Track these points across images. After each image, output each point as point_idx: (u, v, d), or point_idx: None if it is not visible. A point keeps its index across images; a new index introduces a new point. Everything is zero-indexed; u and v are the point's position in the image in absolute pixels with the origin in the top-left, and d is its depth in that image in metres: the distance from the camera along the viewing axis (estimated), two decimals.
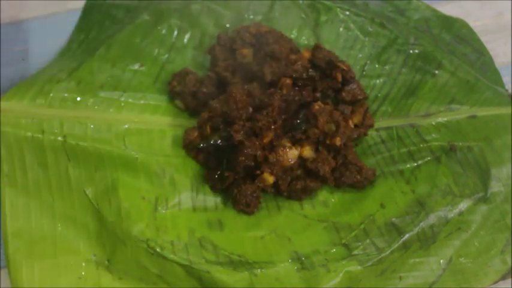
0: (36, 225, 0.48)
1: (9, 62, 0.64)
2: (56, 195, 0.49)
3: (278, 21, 0.63)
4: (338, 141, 0.52)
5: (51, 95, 0.54)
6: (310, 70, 0.55)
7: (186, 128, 0.56)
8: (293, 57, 0.56)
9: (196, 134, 0.54)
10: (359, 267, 0.47)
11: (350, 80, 0.56)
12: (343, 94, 0.56)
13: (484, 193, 0.51)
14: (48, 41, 0.66)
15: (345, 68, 0.56)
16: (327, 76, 0.56)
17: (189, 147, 0.55)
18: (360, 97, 0.56)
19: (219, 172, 0.52)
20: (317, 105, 0.53)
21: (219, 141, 0.52)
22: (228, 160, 0.53)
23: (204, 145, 0.53)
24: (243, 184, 0.52)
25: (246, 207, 0.51)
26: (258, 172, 0.52)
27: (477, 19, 0.69)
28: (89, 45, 0.62)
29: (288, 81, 0.54)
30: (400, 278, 0.48)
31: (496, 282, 0.48)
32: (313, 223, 0.51)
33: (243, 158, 0.51)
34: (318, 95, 0.56)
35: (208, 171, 0.54)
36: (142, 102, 0.58)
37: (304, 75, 0.55)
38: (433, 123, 0.57)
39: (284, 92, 0.53)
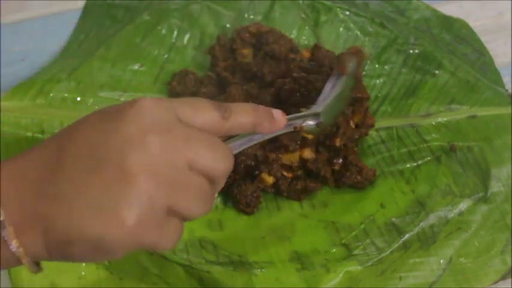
0: None
1: (9, 62, 0.64)
2: None
3: (278, 21, 0.63)
4: (338, 142, 0.52)
5: (51, 95, 0.54)
6: (311, 63, 0.55)
7: None
8: (293, 57, 0.56)
9: None
10: (359, 267, 0.47)
11: None
12: None
13: (484, 193, 0.51)
14: (48, 41, 0.66)
15: None
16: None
17: None
18: (361, 96, 0.56)
19: None
20: None
21: None
22: None
23: None
24: (243, 184, 0.52)
25: (246, 207, 0.51)
26: (257, 172, 0.52)
27: (477, 19, 0.69)
28: (89, 45, 0.62)
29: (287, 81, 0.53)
30: (400, 278, 0.48)
31: (496, 282, 0.48)
32: (313, 223, 0.51)
33: (243, 157, 0.51)
34: None
35: None
36: None
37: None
38: (433, 123, 0.57)
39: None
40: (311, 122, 0.44)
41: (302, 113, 0.43)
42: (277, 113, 0.36)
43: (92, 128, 0.29)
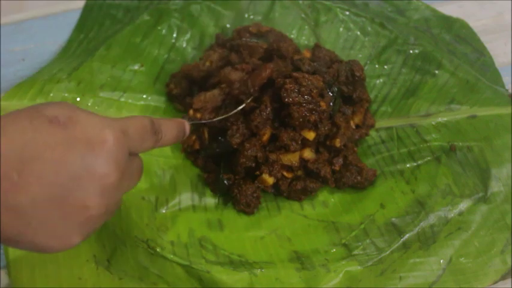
0: None
1: (9, 62, 0.64)
2: None
3: (278, 21, 0.63)
4: (338, 143, 0.52)
5: (51, 95, 0.54)
6: (315, 63, 0.55)
7: None
8: (297, 57, 0.56)
9: (194, 137, 0.54)
10: (359, 267, 0.47)
11: None
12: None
13: (484, 193, 0.51)
14: (48, 41, 0.66)
15: None
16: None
17: (188, 151, 0.55)
18: (362, 97, 0.56)
19: (220, 176, 0.52)
20: None
21: (218, 149, 0.53)
22: (226, 163, 0.53)
23: (203, 153, 0.54)
24: (243, 184, 0.51)
25: (246, 207, 0.51)
26: (257, 173, 0.52)
27: (477, 19, 0.69)
28: (89, 45, 0.62)
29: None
30: (400, 278, 0.48)
31: (496, 282, 0.48)
32: (313, 223, 0.51)
33: (244, 159, 0.50)
34: None
35: (208, 175, 0.54)
36: (142, 103, 0.58)
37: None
38: (433, 123, 0.57)
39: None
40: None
41: (202, 122, 0.51)
42: (188, 128, 0.43)
43: (60, 152, 0.30)
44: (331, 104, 0.52)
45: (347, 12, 0.63)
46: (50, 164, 0.30)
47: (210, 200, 0.53)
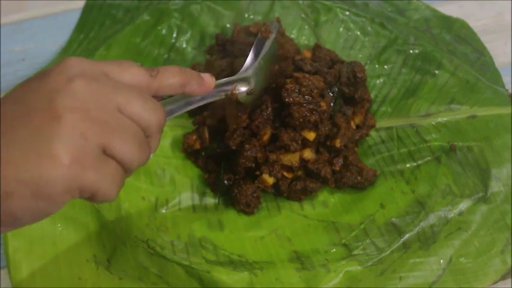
0: (36, 225, 0.48)
1: (9, 62, 0.65)
2: None
3: None
4: (338, 143, 0.52)
5: None
6: (316, 64, 0.55)
7: (184, 133, 0.56)
8: (298, 57, 0.56)
9: (194, 137, 0.54)
10: (359, 267, 0.47)
11: None
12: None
13: (484, 193, 0.51)
14: (48, 41, 0.66)
15: None
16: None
17: (188, 151, 0.55)
18: (363, 97, 0.56)
19: (221, 176, 0.52)
20: None
21: (218, 149, 0.53)
22: (227, 163, 0.53)
23: (204, 154, 0.54)
24: (243, 184, 0.51)
25: (246, 207, 0.51)
26: (257, 173, 0.52)
27: (477, 19, 0.69)
28: (89, 45, 0.62)
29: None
30: (400, 278, 0.48)
31: (496, 282, 0.48)
32: (313, 223, 0.51)
33: (244, 160, 0.50)
34: None
35: (209, 175, 0.54)
36: None
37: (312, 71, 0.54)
38: (433, 123, 0.57)
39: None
40: (242, 89, 0.44)
41: (232, 78, 0.44)
42: (206, 76, 0.38)
43: (19, 89, 0.29)
44: (331, 104, 0.52)
45: (347, 12, 0.63)
46: (10, 99, 0.29)
47: (210, 200, 0.53)
